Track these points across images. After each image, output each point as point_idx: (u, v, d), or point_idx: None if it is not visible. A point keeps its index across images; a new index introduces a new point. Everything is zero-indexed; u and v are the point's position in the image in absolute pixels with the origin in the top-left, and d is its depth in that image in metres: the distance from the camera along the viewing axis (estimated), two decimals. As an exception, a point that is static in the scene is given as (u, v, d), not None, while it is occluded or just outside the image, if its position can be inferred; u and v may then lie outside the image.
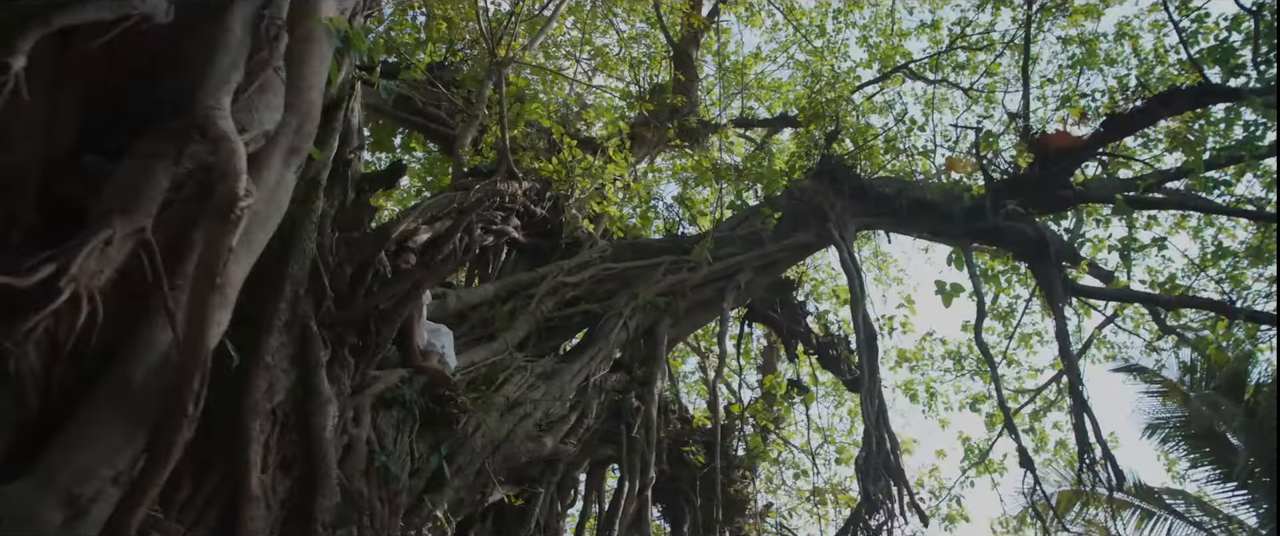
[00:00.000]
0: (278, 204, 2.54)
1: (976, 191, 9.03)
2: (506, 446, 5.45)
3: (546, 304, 7.04)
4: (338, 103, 4.24)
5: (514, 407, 5.66)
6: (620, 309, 7.46)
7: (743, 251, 8.29)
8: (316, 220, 4.13)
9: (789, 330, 9.15)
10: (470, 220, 7.19)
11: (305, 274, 4.08)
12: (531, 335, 6.87)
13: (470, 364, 5.81)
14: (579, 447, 6.60)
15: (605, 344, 7.03)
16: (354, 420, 4.37)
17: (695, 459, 8.17)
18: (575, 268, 7.59)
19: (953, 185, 9.17)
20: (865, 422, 6.46)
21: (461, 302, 6.48)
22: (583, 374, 6.64)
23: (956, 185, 9.22)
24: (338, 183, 4.38)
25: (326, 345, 4.17)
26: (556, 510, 6.43)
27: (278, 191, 2.56)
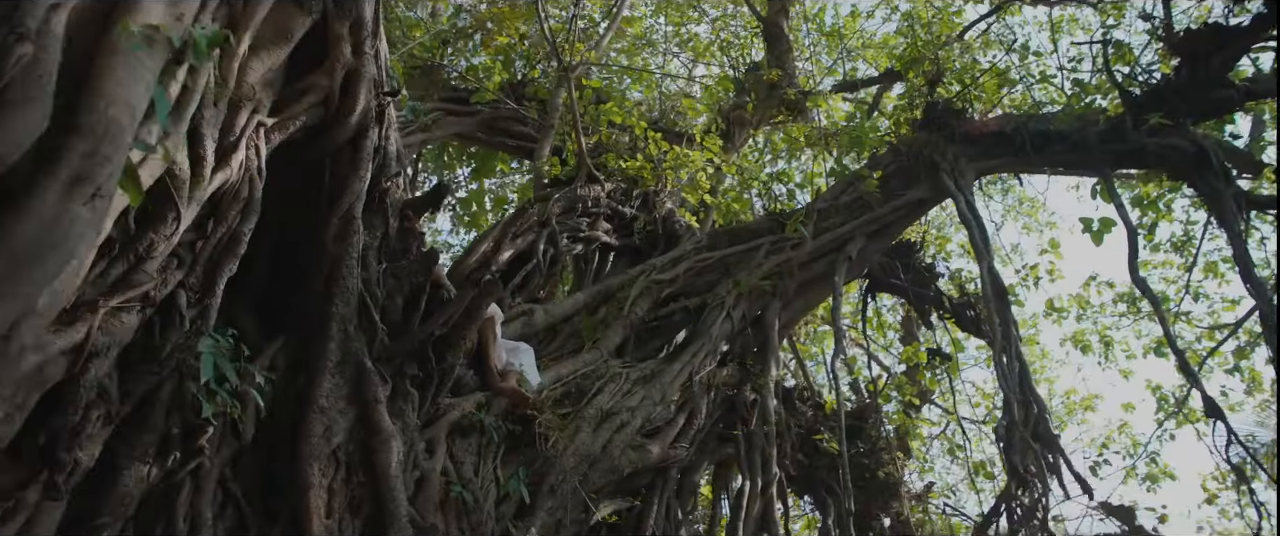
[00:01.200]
0: (56, 241, 2.13)
1: (1113, 110, 7.98)
2: (604, 460, 5.20)
3: (641, 305, 6.76)
4: (362, 130, 4.16)
5: (608, 418, 5.41)
6: (722, 299, 7.07)
7: (849, 219, 7.69)
8: (357, 255, 4.05)
9: (917, 296, 8.41)
10: (552, 231, 7.05)
11: (353, 310, 4.00)
12: (628, 340, 6.61)
13: (558, 379, 5.62)
14: (693, 450, 6.27)
15: (708, 338, 6.67)
16: (426, 452, 4.26)
17: (829, 446, 7.62)
18: (668, 263, 7.27)
19: (1083, 109, 8.13)
20: (1002, 387, 5.74)
21: (551, 316, 6.32)
22: (685, 373, 6.31)
23: (1088, 108, 8.18)
24: (377, 212, 4.29)
25: (386, 380, 4.07)
26: (675, 518, 6.12)
27: (55, 227, 2.14)
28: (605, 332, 6.44)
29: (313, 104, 4.03)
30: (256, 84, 3.74)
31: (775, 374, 6.96)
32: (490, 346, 5.04)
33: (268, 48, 3.80)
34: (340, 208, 4.06)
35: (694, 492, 6.46)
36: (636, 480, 5.80)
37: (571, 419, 5.23)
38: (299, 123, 3.96)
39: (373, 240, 4.24)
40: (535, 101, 8.78)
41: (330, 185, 4.15)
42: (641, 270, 7.12)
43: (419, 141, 9.14)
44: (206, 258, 3.41)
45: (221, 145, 3.56)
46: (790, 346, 9.66)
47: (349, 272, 4.00)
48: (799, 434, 7.83)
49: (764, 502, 6.18)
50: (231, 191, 3.54)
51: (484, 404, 4.75)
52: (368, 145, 4.22)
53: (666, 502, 6.04)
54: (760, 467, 6.36)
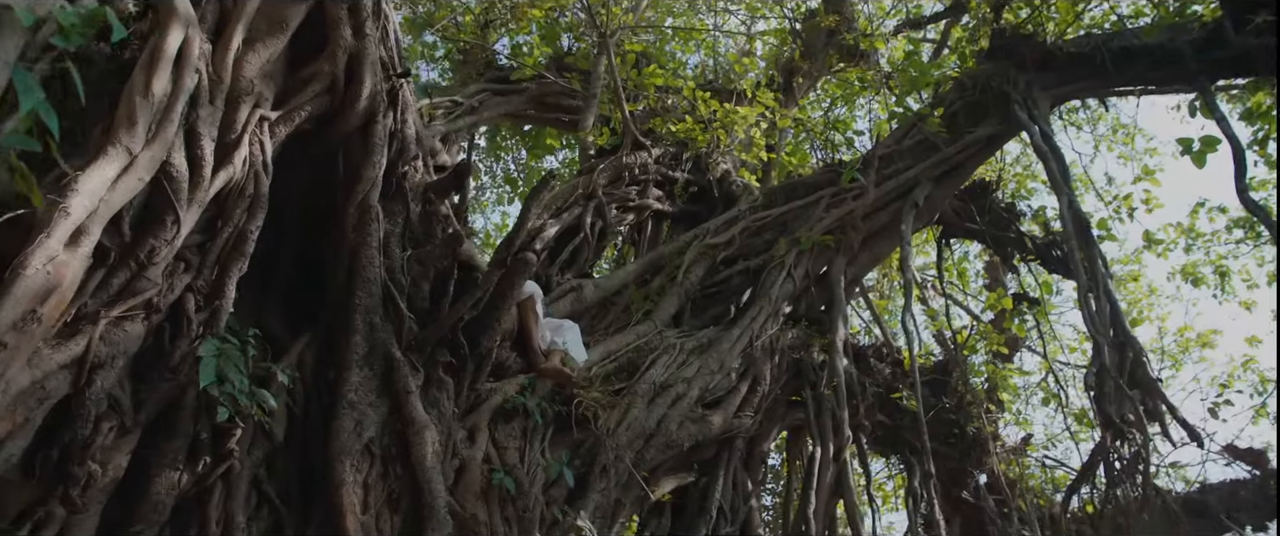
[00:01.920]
0: None
1: (1208, 15, 7.18)
2: (660, 435, 5.00)
3: (695, 272, 6.50)
4: (371, 115, 4.03)
5: (663, 391, 5.20)
6: (781, 259, 6.74)
7: (914, 164, 7.20)
8: (377, 243, 3.94)
9: (996, 239, 7.85)
10: (599, 203, 6.85)
11: (377, 301, 3.90)
12: (684, 309, 6.38)
13: (609, 354, 5.44)
14: (758, 419, 6.01)
15: (768, 300, 6.36)
16: (467, 440, 4.15)
17: (909, 404, 7.22)
18: (722, 226, 6.98)
19: (1172, 18, 7.36)
20: (1091, 330, 5.24)
21: (601, 290, 6.14)
22: (745, 339, 6.03)
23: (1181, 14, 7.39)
24: (396, 198, 4.17)
25: (417, 369, 3.97)
26: (744, 490, 5.89)
27: None
28: (659, 303, 6.22)
29: (317, 93, 3.92)
30: (255, 77, 3.64)
31: (843, 333, 6.61)
32: (531, 326, 4.90)
33: (263, 39, 3.70)
34: (355, 196, 3.96)
35: (763, 462, 6.21)
36: (699, 453, 5.59)
37: (623, 395, 5.05)
38: (305, 113, 3.86)
39: (394, 227, 4.13)
40: (578, 73, 8.57)
41: (344, 174, 4.05)
42: (694, 235, 6.86)
43: (468, 124, 9.06)
44: (214, 259, 3.34)
45: (222, 143, 3.49)
46: (865, 302, 9.23)
47: (369, 262, 3.90)
48: (877, 393, 7.45)
49: (837, 468, 5.88)
50: (236, 190, 3.47)
51: (527, 386, 4.61)
52: (379, 130, 4.09)
53: (733, 474, 5.82)
54: (831, 432, 6.05)
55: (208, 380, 2.82)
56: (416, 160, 4.36)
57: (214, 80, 3.44)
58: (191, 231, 3.30)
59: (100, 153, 2.84)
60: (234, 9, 3.59)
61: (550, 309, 5.73)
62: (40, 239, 2.54)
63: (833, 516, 6.05)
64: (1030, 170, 10.55)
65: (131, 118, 2.94)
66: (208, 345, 2.91)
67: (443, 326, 4.03)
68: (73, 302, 2.77)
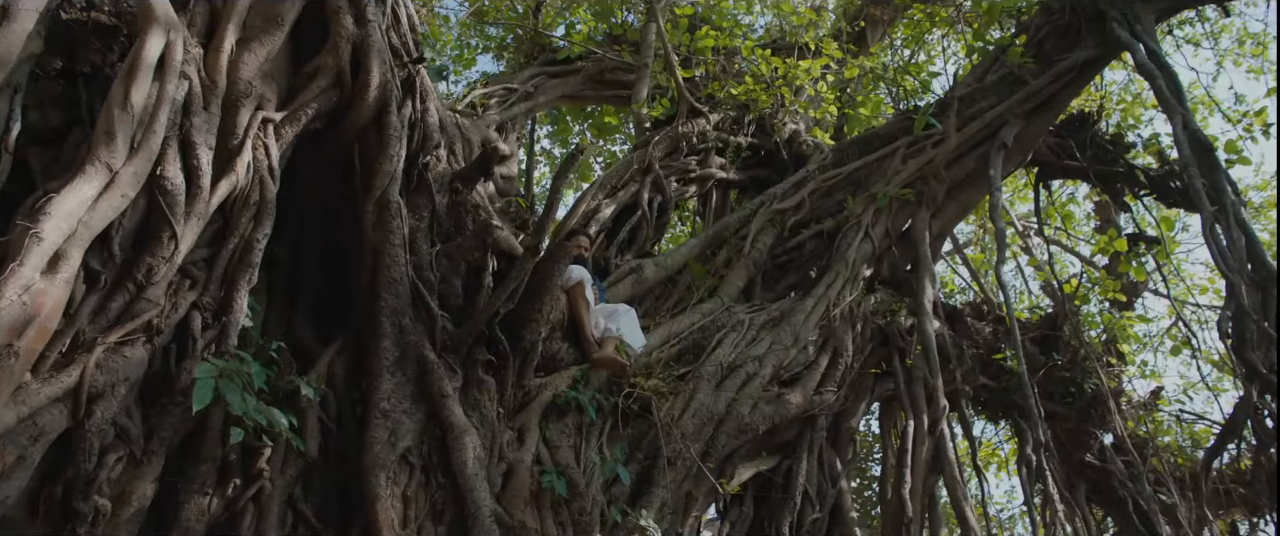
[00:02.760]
0: None
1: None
2: (731, 420, 4.63)
3: (763, 241, 6.06)
4: (384, 105, 3.79)
5: (732, 372, 4.83)
6: (857, 218, 6.22)
7: (999, 101, 6.52)
8: (401, 240, 3.71)
9: (1103, 175, 7.05)
10: (657, 177, 6.49)
11: (406, 302, 3.68)
12: (754, 282, 5.96)
13: (673, 336, 5.09)
14: (843, 393, 5.55)
15: (845, 265, 5.87)
16: (516, 441, 3.90)
17: (1012, 364, 6.59)
18: (790, 189, 6.50)
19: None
20: (1221, 266, 4.53)
21: (663, 269, 5.79)
22: (821, 308, 5.57)
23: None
24: (420, 191, 3.94)
25: (454, 371, 3.74)
26: (833, 471, 5.45)
27: None
28: (726, 278, 5.83)
29: (324, 88, 3.71)
30: (254, 78, 3.45)
31: (932, 293, 6.04)
32: (581, 314, 4.60)
33: (259, 37, 3.50)
34: (373, 193, 3.74)
35: (852, 440, 5.75)
36: (779, 436, 5.19)
37: (688, 379, 4.70)
38: (312, 111, 3.65)
39: (419, 222, 3.90)
40: (630, 46, 8.20)
41: (361, 170, 3.84)
42: (760, 202, 6.41)
43: (524, 111, 8.83)
44: (221, 273, 3.17)
45: (223, 150, 3.31)
46: (959, 256, 8.54)
47: (393, 261, 3.67)
48: (976, 355, 6.84)
49: (934, 441, 5.37)
50: (241, 198, 3.29)
51: (580, 379, 4.32)
52: (394, 121, 3.86)
53: (819, 455, 5.39)
54: (925, 402, 5.54)
55: (203, 403, 2.63)
56: (439, 149, 4.11)
57: (207, 85, 3.27)
58: (195, 245, 3.15)
59: (78, 172, 2.69)
60: (224, 8, 3.41)
61: (609, 293, 5.43)
62: (11, 268, 2.39)
63: (933, 495, 5.54)
64: (1139, 96, 9.53)
65: (110, 132, 2.78)
66: (203, 367, 2.73)
67: (478, 323, 3.78)
68: (65, 331, 2.64)
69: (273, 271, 3.90)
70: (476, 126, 7.45)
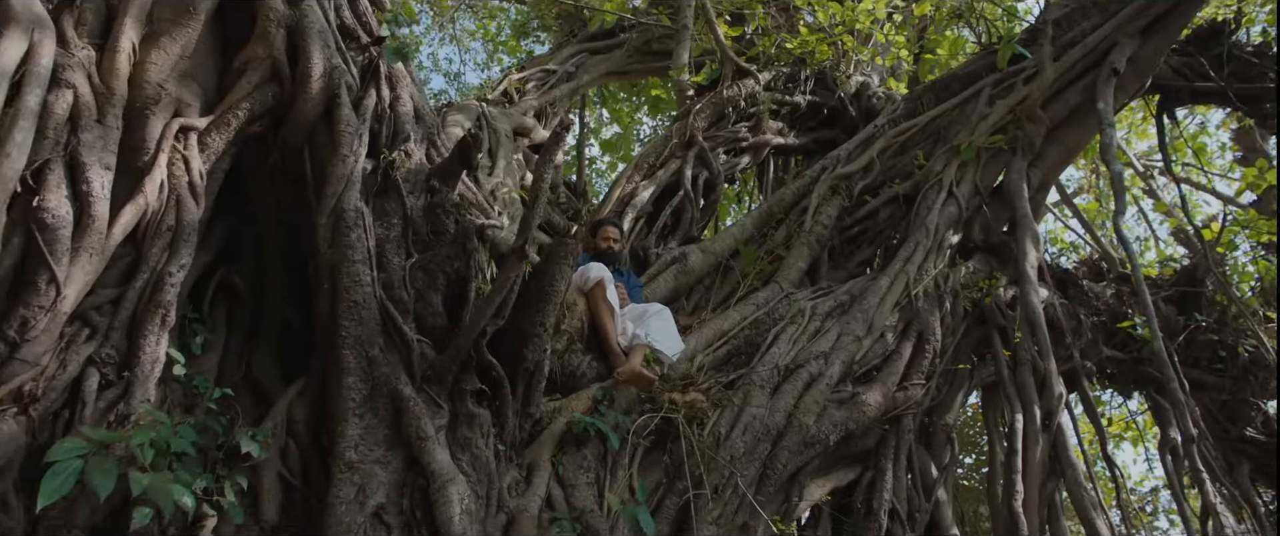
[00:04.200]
0: None
1: None
2: (794, 432, 3.86)
3: (826, 213, 5.21)
4: (332, 97, 3.19)
5: (791, 375, 4.05)
6: (938, 177, 5.29)
7: (1104, 19, 5.43)
8: (365, 255, 3.11)
9: (1243, 96, 5.82)
10: (701, 150, 5.72)
11: (374, 328, 3.08)
12: (819, 261, 5.13)
13: (721, 335, 4.35)
14: (934, 386, 4.67)
15: (925, 233, 4.97)
16: (522, 482, 3.26)
17: (1144, 332, 5.52)
18: (856, 149, 5.62)
19: None
20: None
21: (712, 255, 5.02)
22: (900, 286, 4.71)
23: None
24: (388, 195, 3.33)
25: (439, 406, 3.12)
26: (926, 480, 4.58)
27: None
28: (785, 259, 5.02)
29: (258, 83, 3.14)
30: (167, 80, 2.91)
31: (1036, 256, 5.06)
32: (604, 320, 3.92)
33: (170, 32, 2.95)
34: (326, 202, 3.16)
35: (949, 440, 4.85)
36: (856, 444, 4.37)
37: (738, 387, 3.95)
38: (244, 112, 3.10)
39: (388, 231, 3.29)
40: (670, 7, 7.42)
41: (312, 176, 3.26)
42: (821, 167, 5.55)
43: (567, 92, 8.20)
44: (128, 317, 2.65)
45: (129, 169, 2.80)
46: (1068, 208, 7.39)
47: (354, 282, 3.08)
48: (1098, 324, 5.79)
49: (1051, 437, 4.43)
50: (152, 224, 2.76)
51: (603, 398, 3.65)
52: (345, 115, 3.26)
53: (908, 462, 4.54)
54: (1036, 390, 4.60)
55: (49, 499, 2.08)
56: (410, 144, 3.49)
57: (102, 92, 2.74)
58: (99, 285, 2.64)
59: (-93, 214, 2.20)
60: (120, 4, 2.89)
61: (649, 287, 4.73)
62: None
63: (1053, 504, 4.59)
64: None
65: None
66: (62, 447, 2.18)
67: (461, 346, 3.14)
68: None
69: (232, 302, 3.39)
70: (508, 115, 6.87)
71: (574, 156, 9.58)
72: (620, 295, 4.22)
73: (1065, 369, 5.28)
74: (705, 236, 5.70)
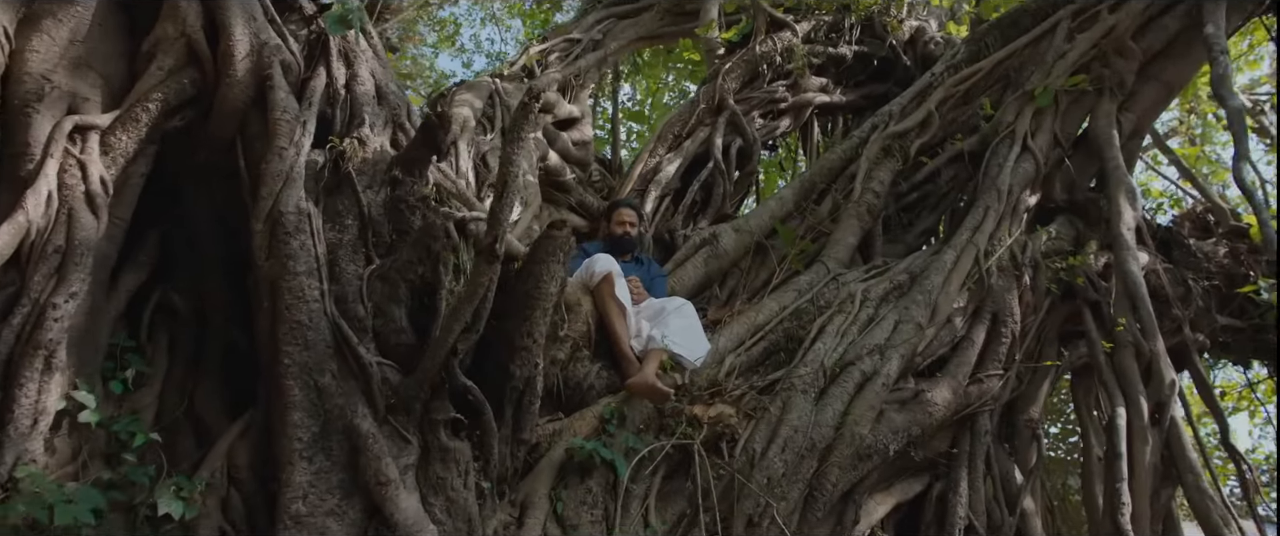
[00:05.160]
0: None
1: None
2: (845, 443, 3.23)
3: (878, 179, 4.52)
4: (263, 80, 2.67)
5: (840, 374, 3.42)
6: (1010, 128, 4.54)
7: (1206, -75, 4.54)
8: (312, 266, 2.61)
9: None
10: (733, 114, 5.07)
11: (323, 353, 2.58)
12: (871, 236, 4.45)
13: (756, 330, 3.73)
14: (1014, 375, 3.96)
15: (996, 195, 4.24)
16: (515, 524, 2.74)
17: (1270, 297, 4.68)
18: (911, 103, 4.88)
19: None
20: None
21: (746, 234, 4.39)
22: (969, 259, 4.01)
23: None
24: (340, 192, 2.82)
25: (406, 440, 2.62)
26: (1010, 488, 3.89)
27: None
28: (833, 234, 4.36)
29: (172, 69, 2.65)
30: (55, 71, 2.44)
31: (1133, 215, 4.28)
32: (613, 322, 3.35)
33: (55, 15, 2.47)
34: (262, 205, 2.66)
35: (1035, 437, 4.14)
36: (924, 450, 3.71)
37: (775, 392, 3.34)
38: (158, 103, 2.61)
39: (341, 234, 2.78)
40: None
41: (246, 176, 2.77)
42: (872, 126, 4.84)
43: (594, 62, 7.59)
44: (3, 360, 2.19)
45: (10, 178, 2.34)
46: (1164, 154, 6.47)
47: (298, 298, 2.58)
48: (1210, 289, 4.94)
49: (1164, 433, 3.69)
50: (36, 246, 2.29)
51: (612, 416, 3.09)
52: (281, 100, 2.75)
53: (987, 467, 3.86)
54: (1141, 375, 3.85)
55: None
56: (366, 129, 2.96)
57: (-34, 90, 2.31)
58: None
59: None
60: (-9, -22, 2.43)
61: (673, 277, 4.14)
62: None
63: (1170, 514, 3.85)
64: None
65: None
66: None
67: (429, 368, 2.62)
68: None
69: (173, 325, 2.94)
70: (522, 92, 6.33)
71: (609, 131, 9.02)
72: (635, 289, 3.64)
73: (1172, 343, 4.49)
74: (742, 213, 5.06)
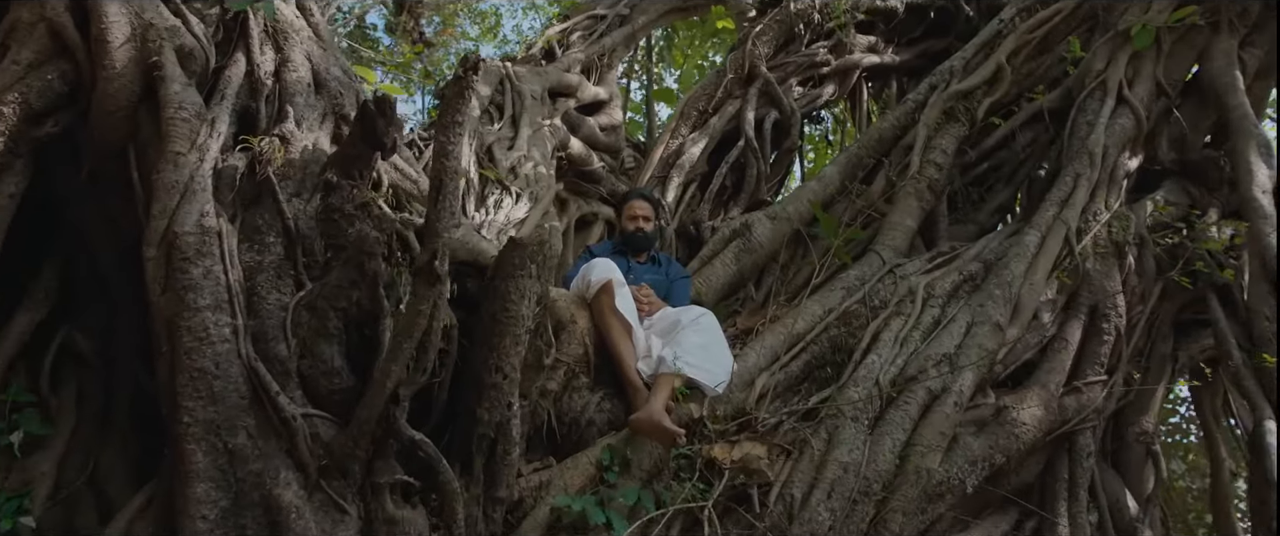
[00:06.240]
0: None
1: None
2: (908, 482, 2.58)
3: (942, 147, 3.79)
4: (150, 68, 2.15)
5: (903, 392, 2.75)
6: (1100, 77, 3.76)
7: None
8: (220, 298, 2.08)
9: None
10: (766, 83, 4.40)
11: (236, 408, 2.06)
12: (934, 217, 3.74)
13: (794, 339, 3.08)
14: (1120, 378, 3.22)
15: (1088, 159, 3.48)
16: (484, 611, 2.18)
17: None
18: (977, 56, 4.13)
19: None
20: None
21: (783, 222, 3.73)
22: (1056, 239, 3.27)
23: None
24: (260, 204, 2.27)
25: (343, 510, 2.08)
26: (1124, 517, 3.16)
27: None
28: (887, 218, 3.67)
29: (33, 63, 2.16)
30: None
31: (1268, 173, 3.46)
32: (615, 342, 2.75)
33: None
34: (155, 226, 2.14)
35: (1151, 455, 3.38)
36: (1012, 479, 3.02)
37: (818, 421, 2.70)
38: (17, 107, 2.12)
39: (261, 256, 2.25)
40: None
41: (140, 191, 2.26)
42: (931, 86, 4.11)
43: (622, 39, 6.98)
44: None
45: None
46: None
47: (200, 340, 2.07)
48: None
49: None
50: None
51: (611, 461, 2.50)
52: (175, 96, 2.23)
53: (1093, 492, 3.14)
54: None
55: None
56: (288, 123, 2.42)
57: None
58: None
59: None
60: None
61: (700, 277, 3.52)
62: None
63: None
64: None
65: None
66: None
67: (366, 419, 2.08)
68: None
69: (82, 373, 2.47)
70: (540, 74, 5.77)
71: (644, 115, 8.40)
72: (647, 299, 3.03)
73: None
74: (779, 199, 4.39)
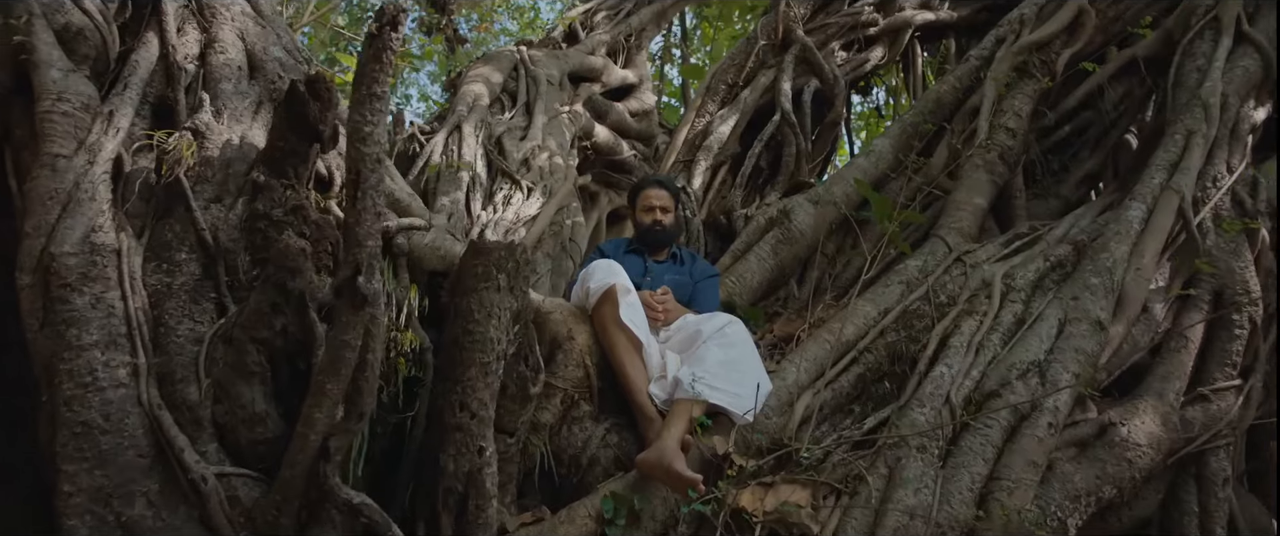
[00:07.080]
0: None
1: None
2: (990, 529, 2.03)
3: (1016, 110, 3.19)
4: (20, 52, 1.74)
5: (979, 413, 2.20)
6: (1208, 14, 3.12)
7: None
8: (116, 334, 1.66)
9: None
10: (805, 50, 3.85)
11: (134, 467, 1.63)
12: (1009, 192, 3.15)
13: (842, 347, 2.54)
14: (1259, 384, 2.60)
15: (1199, 112, 2.86)
16: None
17: None
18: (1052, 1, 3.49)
19: None
20: None
21: (827, 206, 3.18)
22: (1166, 214, 2.67)
23: None
24: (170, 216, 1.82)
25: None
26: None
27: None
28: (952, 198, 3.10)
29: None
30: None
31: None
32: (622, 361, 2.26)
33: None
34: (29, 247, 1.74)
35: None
36: (1126, 512, 2.44)
37: (875, 457, 2.17)
38: None
39: (170, 278, 1.83)
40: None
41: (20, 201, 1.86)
42: (998, 39, 3.49)
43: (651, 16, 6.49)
44: None
45: None
46: None
47: (85, 387, 1.66)
48: None
49: None
50: None
51: (613, 514, 2.01)
52: (53, 83, 1.82)
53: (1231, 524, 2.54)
54: None
55: None
56: (202, 113, 1.99)
57: None
58: None
59: None
60: None
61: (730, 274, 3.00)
62: None
63: None
64: None
65: None
66: None
67: (292, 477, 1.64)
68: None
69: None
70: (558, 58, 5.34)
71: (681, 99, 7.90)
72: (661, 306, 2.52)
73: None
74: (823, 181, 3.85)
